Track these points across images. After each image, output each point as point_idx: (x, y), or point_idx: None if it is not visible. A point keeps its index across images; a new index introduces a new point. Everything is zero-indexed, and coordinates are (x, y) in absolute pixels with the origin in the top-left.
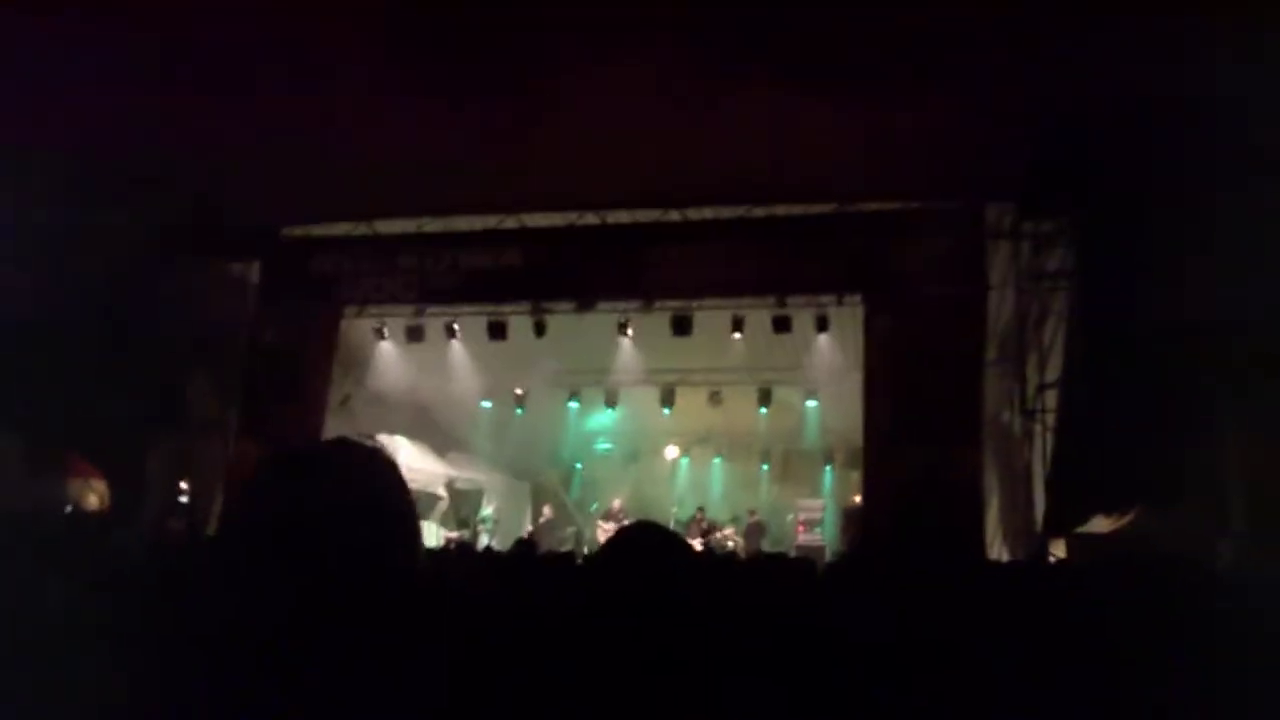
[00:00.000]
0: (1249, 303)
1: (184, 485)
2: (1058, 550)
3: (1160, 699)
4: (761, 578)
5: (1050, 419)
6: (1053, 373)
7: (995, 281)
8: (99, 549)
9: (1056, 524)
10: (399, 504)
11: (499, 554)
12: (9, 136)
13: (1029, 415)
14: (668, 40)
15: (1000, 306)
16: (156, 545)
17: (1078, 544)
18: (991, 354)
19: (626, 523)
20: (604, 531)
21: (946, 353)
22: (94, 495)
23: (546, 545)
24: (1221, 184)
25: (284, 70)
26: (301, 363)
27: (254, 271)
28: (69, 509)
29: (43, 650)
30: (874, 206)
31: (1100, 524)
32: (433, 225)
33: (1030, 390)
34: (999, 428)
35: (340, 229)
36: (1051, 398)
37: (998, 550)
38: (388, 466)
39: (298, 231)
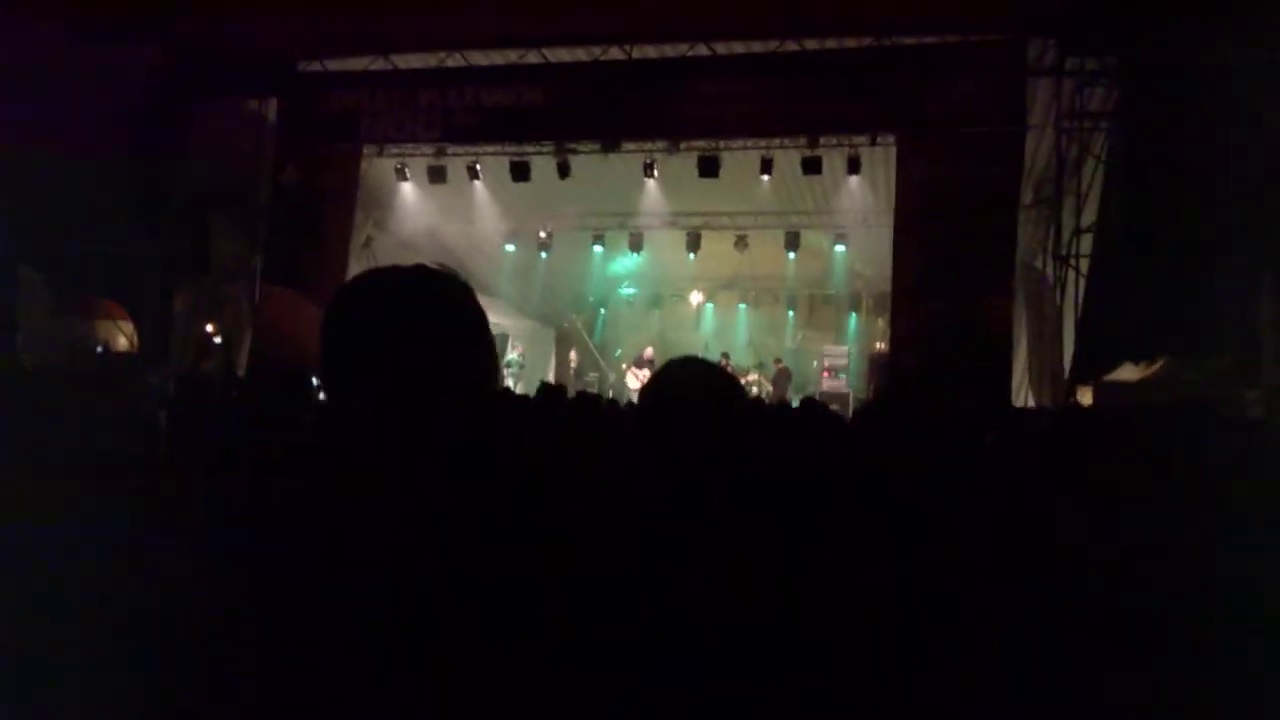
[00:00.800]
0: None
1: (209, 329)
2: (1085, 397)
3: (1182, 540)
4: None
5: (1084, 264)
6: (1089, 217)
7: (1035, 121)
8: (141, 386)
9: (1084, 370)
10: (479, 323)
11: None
12: None
13: (1062, 260)
14: None
15: (1038, 147)
16: (195, 383)
17: (1105, 391)
18: (1027, 197)
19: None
20: (636, 378)
21: (982, 195)
22: (123, 337)
23: (573, 390)
24: (1274, 27)
25: None
26: (323, 204)
27: (272, 110)
28: (100, 349)
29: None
30: (910, 41)
31: (1128, 372)
32: (453, 61)
33: (1065, 234)
34: (1031, 272)
35: (359, 64)
36: (1087, 242)
37: (1024, 396)
38: (466, 289)
39: (315, 66)
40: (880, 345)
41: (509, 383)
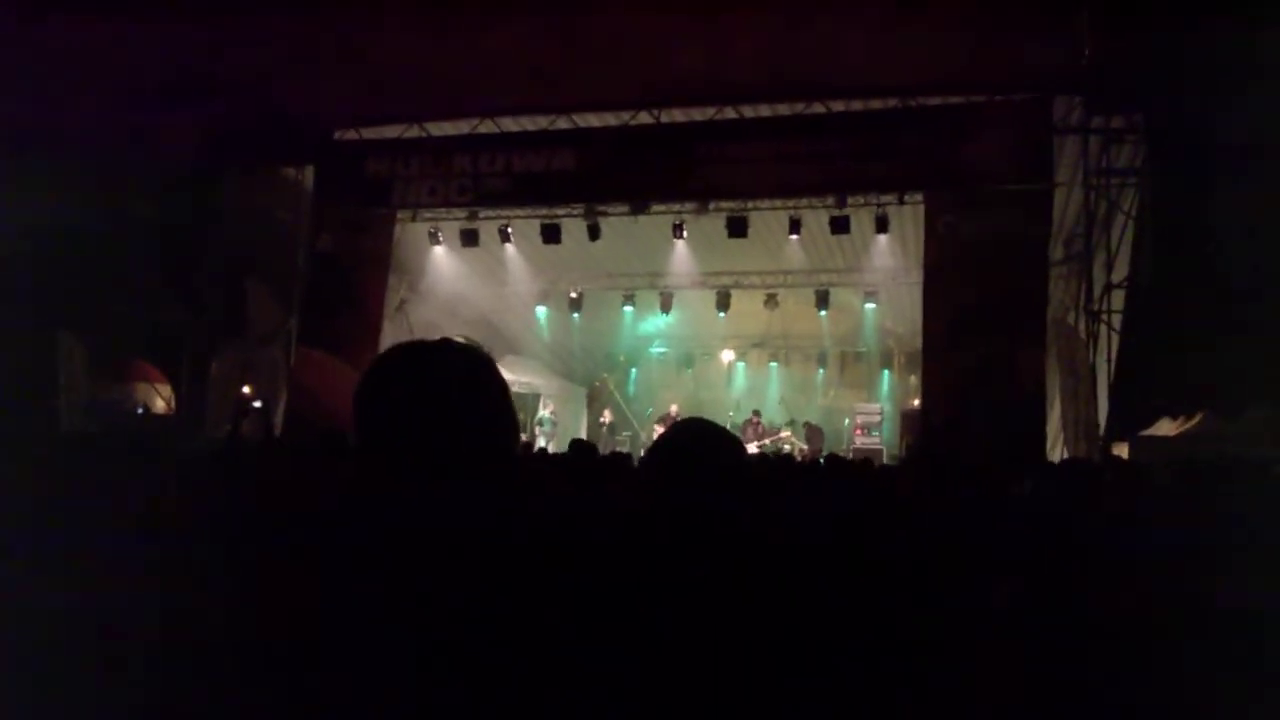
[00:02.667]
0: None
1: (247, 391)
2: (1121, 453)
3: (1221, 598)
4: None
5: (1117, 320)
6: (1120, 273)
7: (1062, 178)
8: (186, 450)
9: (1121, 426)
10: (501, 392)
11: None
12: (67, 44)
13: (1094, 316)
14: None
15: (1067, 204)
16: (237, 447)
17: (1142, 447)
18: (1057, 253)
19: None
20: None
21: (1011, 251)
22: (160, 399)
23: (605, 448)
24: None
25: None
26: (357, 268)
27: (309, 177)
28: (139, 411)
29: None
30: (937, 101)
31: (1165, 427)
32: (485, 127)
33: (1097, 290)
34: (1064, 329)
35: (393, 131)
36: (1118, 298)
37: (1059, 453)
38: (487, 362)
39: (350, 134)
40: (915, 402)
41: (540, 441)
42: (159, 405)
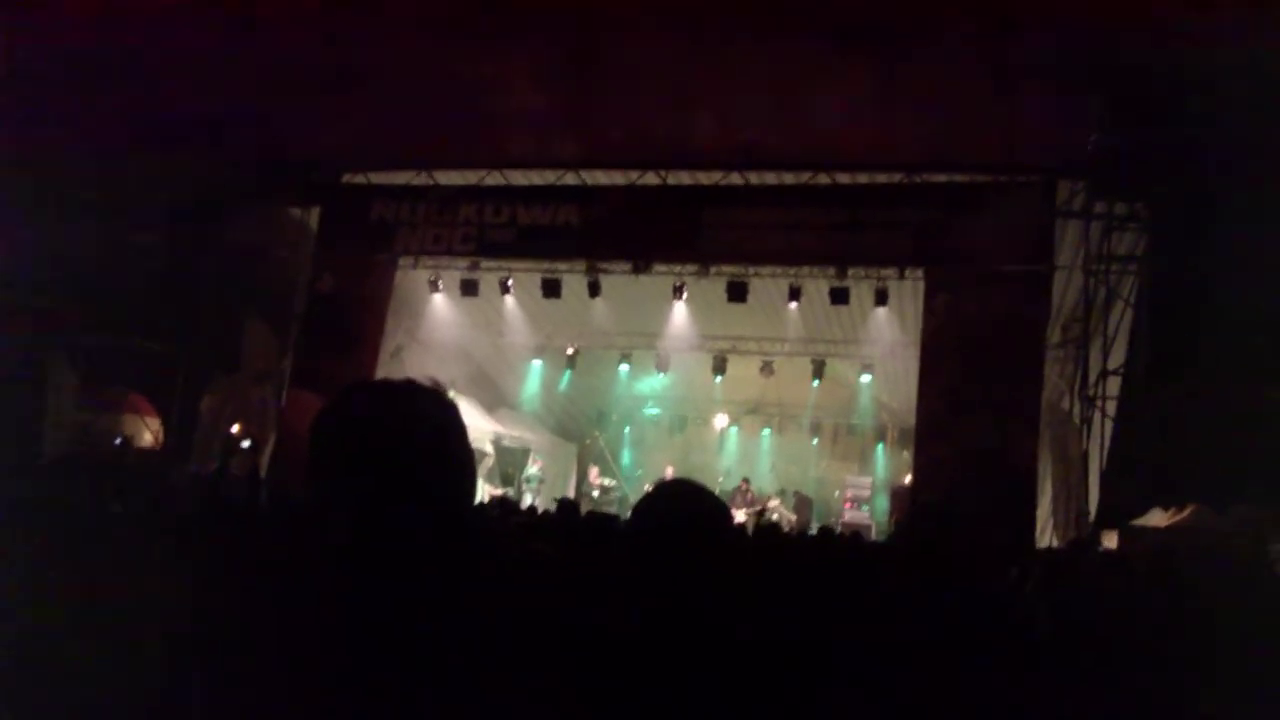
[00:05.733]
0: None
1: (235, 430)
2: (1110, 542)
3: (1198, 692)
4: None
5: (1111, 406)
6: (1116, 359)
7: (1063, 262)
8: (165, 485)
9: (1111, 514)
10: (458, 443)
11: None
12: (75, 80)
13: (1089, 401)
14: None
15: (1066, 288)
16: (221, 483)
17: (1131, 536)
18: (1055, 336)
19: None
20: None
21: (1008, 332)
22: (148, 432)
23: (592, 507)
24: None
25: (349, 18)
26: (356, 311)
27: (313, 218)
28: (118, 441)
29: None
30: (941, 178)
31: (1157, 517)
32: (492, 179)
33: (1092, 376)
34: (1058, 413)
35: (401, 178)
36: (1114, 385)
37: (1049, 538)
38: (449, 407)
39: (358, 178)
40: (906, 479)
41: (527, 498)
42: (146, 438)
